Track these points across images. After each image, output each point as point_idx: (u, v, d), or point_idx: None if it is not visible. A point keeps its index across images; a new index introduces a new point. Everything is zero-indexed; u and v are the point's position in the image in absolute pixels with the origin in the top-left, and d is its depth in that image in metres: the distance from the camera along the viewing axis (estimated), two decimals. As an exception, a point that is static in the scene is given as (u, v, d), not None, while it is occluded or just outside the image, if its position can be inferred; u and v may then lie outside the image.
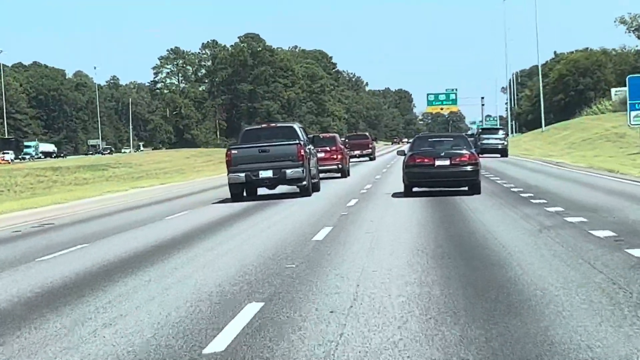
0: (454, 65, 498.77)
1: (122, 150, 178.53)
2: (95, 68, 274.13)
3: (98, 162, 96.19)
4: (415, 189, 28.44)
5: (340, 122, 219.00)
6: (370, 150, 77.88)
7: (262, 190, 33.15)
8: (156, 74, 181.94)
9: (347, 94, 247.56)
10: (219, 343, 8.47)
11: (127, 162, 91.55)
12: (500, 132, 73.39)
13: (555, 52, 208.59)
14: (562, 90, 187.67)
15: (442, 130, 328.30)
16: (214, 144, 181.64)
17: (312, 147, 34.52)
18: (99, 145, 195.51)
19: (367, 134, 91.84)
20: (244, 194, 31.93)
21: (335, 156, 46.13)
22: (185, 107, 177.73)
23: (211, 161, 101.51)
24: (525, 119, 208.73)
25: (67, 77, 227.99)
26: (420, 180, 28.23)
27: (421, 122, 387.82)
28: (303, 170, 30.86)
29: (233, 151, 31.24)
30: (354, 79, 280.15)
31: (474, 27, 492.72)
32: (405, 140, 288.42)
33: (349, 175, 47.37)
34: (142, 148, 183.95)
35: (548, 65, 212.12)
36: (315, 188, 33.28)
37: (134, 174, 75.52)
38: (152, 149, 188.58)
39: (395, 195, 29.18)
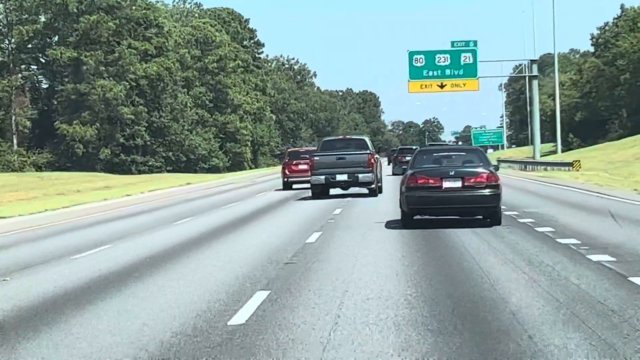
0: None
1: None
2: None
3: None
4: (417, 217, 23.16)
5: (260, 125, 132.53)
6: None
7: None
8: None
9: (280, 84, 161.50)
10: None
11: None
12: None
13: (622, 7, 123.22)
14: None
15: (415, 143, 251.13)
16: (5, 162, 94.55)
17: (378, 156, 42.50)
18: None
19: None
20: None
21: None
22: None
23: None
24: (570, 119, 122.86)
25: None
26: (423, 206, 22.74)
27: (390, 133, 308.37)
28: (372, 175, 37.52)
29: (316, 158, 38.60)
30: (295, 67, 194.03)
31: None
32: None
33: None
34: None
35: (606, 33, 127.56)
36: (380, 190, 39.30)
37: None
38: None
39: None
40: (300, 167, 47.15)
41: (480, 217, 22.82)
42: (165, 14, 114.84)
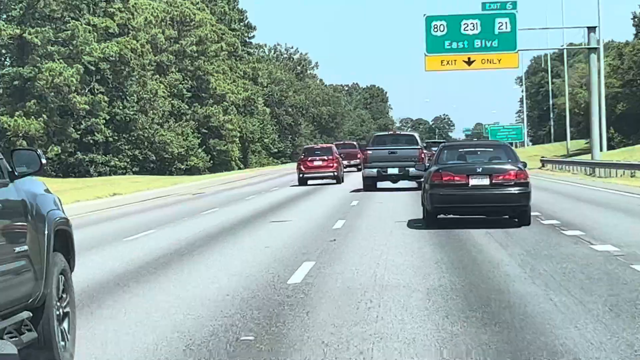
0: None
1: None
2: None
3: None
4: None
5: (251, 119, 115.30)
6: (358, 160, 71.90)
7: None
8: None
9: (277, 74, 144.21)
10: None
11: None
12: None
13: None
14: None
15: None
16: None
17: (427, 152, 41.86)
18: None
19: (355, 143, 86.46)
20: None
21: (332, 164, 49.12)
22: None
23: None
24: (610, 112, 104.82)
25: None
26: (448, 205, 21.48)
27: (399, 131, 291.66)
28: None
29: (368, 151, 39.95)
30: (294, 57, 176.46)
31: None
32: None
33: (343, 181, 49.91)
34: None
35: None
36: None
37: None
38: None
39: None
40: (316, 163, 48.92)
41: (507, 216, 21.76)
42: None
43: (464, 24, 55.62)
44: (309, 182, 48.59)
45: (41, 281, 8.02)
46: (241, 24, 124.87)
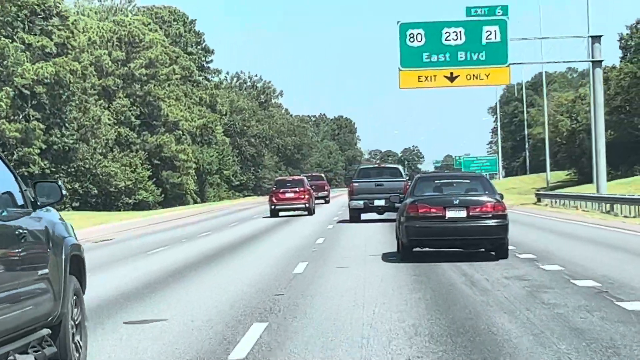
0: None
1: None
2: None
3: None
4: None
5: (208, 150, 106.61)
6: (325, 192, 78.32)
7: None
8: None
9: (239, 102, 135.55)
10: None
11: None
12: None
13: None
14: None
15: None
16: None
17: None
18: None
19: (322, 175, 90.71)
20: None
21: (303, 196, 50.64)
22: None
23: None
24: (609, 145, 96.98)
25: None
26: (424, 238, 21.23)
27: (368, 162, 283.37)
28: None
29: (355, 184, 41.23)
30: (258, 85, 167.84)
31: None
32: None
33: (314, 213, 51.95)
34: None
35: None
36: None
37: None
38: None
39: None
40: (287, 195, 50.39)
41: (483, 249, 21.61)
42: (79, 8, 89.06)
43: (446, 33, 47.01)
44: (280, 213, 50.17)
45: (59, 301, 9.00)
46: (198, 47, 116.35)
